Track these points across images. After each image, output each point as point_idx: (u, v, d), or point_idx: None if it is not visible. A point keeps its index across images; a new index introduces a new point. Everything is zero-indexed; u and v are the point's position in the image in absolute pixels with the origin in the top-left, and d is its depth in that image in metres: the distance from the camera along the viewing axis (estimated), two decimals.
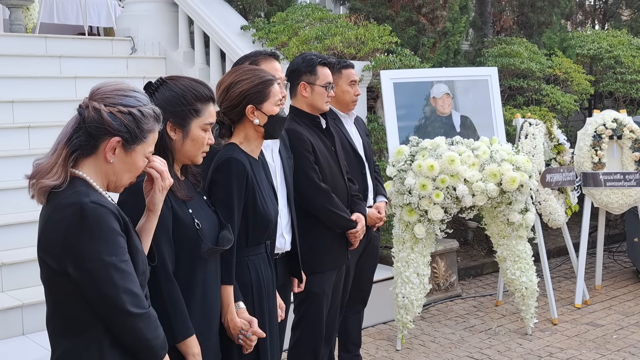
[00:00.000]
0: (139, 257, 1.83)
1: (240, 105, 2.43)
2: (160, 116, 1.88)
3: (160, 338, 1.81)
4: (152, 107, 1.85)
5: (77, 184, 1.77)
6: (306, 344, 3.37)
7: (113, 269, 1.71)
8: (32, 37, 6.61)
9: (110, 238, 1.72)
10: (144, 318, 1.76)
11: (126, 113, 1.78)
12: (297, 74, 3.35)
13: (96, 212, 1.71)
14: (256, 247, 2.48)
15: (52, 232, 1.73)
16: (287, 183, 2.96)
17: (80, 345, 1.76)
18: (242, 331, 2.30)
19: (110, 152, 1.79)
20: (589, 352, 4.32)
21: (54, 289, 1.78)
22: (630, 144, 5.19)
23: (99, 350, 1.76)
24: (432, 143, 4.38)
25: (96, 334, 1.76)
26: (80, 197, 1.72)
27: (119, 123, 1.77)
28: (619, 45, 6.98)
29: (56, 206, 1.73)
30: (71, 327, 1.77)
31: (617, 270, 6.16)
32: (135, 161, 1.84)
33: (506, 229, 4.51)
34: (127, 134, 1.78)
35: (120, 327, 1.76)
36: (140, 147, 1.83)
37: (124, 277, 1.73)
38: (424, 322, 4.93)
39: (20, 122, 5.25)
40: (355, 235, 3.44)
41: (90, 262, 1.70)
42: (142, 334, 1.76)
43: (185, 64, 6.38)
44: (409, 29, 6.16)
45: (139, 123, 1.80)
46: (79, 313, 1.75)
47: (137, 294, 1.76)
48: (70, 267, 1.71)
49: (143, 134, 1.82)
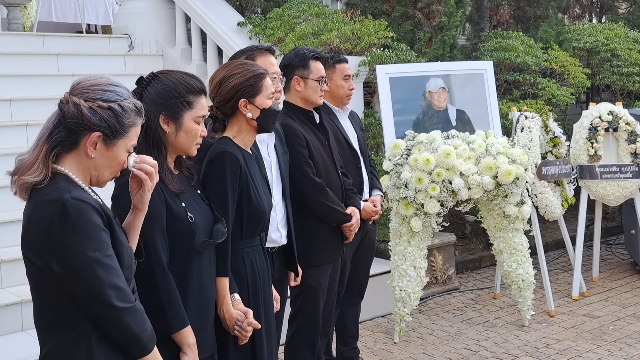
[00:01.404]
0: (124, 251, 1.83)
1: (233, 99, 2.45)
2: (142, 110, 1.87)
3: (147, 331, 1.81)
4: (132, 100, 1.85)
5: (58, 180, 1.76)
6: (303, 337, 3.40)
7: (97, 264, 1.71)
8: (29, 35, 6.63)
9: (93, 234, 1.72)
10: (130, 312, 1.76)
11: (106, 108, 1.78)
12: (290, 68, 3.37)
13: (78, 208, 1.71)
14: (251, 239, 2.50)
15: (34, 229, 1.73)
16: (283, 177, 2.98)
17: (68, 342, 1.76)
18: (238, 322, 2.33)
19: (91, 147, 1.78)
20: (585, 343, 4.35)
21: (39, 285, 1.77)
22: (626, 136, 5.21)
23: (87, 346, 1.76)
24: (428, 137, 4.41)
25: (84, 330, 1.76)
26: (61, 193, 1.72)
27: (98, 118, 1.77)
28: (615, 39, 6.99)
29: (38, 203, 1.73)
30: (58, 324, 1.77)
31: (615, 262, 6.19)
32: (116, 156, 1.83)
33: (502, 222, 4.54)
34: (107, 129, 1.78)
35: (107, 322, 1.75)
36: (121, 141, 1.82)
37: (108, 272, 1.73)
38: (422, 315, 4.95)
39: (18, 120, 5.28)
40: (350, 228, 3.47)
41: (74, 259, 1.70)
42: (129, 328, 1.76)
43: (183, 61, 6.40)
44: (405, 24, 6.18)
45: (120, 118, 1.79)
46: (65, 309, 1.75)
47: (122, 288, 1.75)
48: (55, 264, 1.71)
49: (124, 129, 1.81)
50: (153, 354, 1.84)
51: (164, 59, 6.59)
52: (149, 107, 2.14)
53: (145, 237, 2.02)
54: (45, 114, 1.96)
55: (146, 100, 2.15)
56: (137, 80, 2.18)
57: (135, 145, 1.89)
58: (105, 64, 6.27)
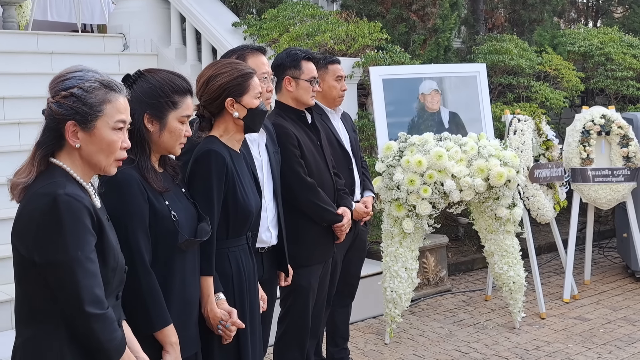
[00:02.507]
0: (110, 252, 1.82)
1: (220, 98, 2.45)
2: (113, 83, 1.84)
3: (115, 341, 1.78)
4: (98, 79, 1.82)
5: (56, 173, 1.79)
6: (292, 337, 3.40)
7: (77, 264, 1.71)
8: (23, 34, 6.63)
9: (78, 232, 1.72)
10: (100, 319, 1.74)
11: (68, 96, 1.78)
12: (282, 68, 3.37)
13: (69, 205, 1.72)
14: (237, 238, 2.50)
15: (24, 219, 1.75)
16: (274, 177, 2.98)
17: (42, 335, 1.76)
18: (222, 322, 2.33)
19: (73, 137, 1.79)
20: (575, 345, 4.36)
21: (22, 275, 1.79)
22: (619, 140, 5.22)
23: (59, 341, 1.75)
24: (420, 139, 4.41)
25: (58, 326, 1.76)
26: (56, 188, 1.74)
27: (65, 108, 1.78)
28: (610, 43, 7.01)
29: (33, 194, 1.76)
30: (35, 316, 1.77)
31: (607, 265, 6.20)
32: (102, 137, 1.81)
33: (494, 224, 4.54)
34: (76, 115, 1.78)
35: (75, 325, 1.75)
36: (100, 121, 1.80)
37: (86, 274, 1.72)
38: (413, 316, 4.96)
39: (10, 119, 5.27)
40: (341, 229, 3.47)
41: (55, 255, 1.71)
42: (95, 336, 1.74)
43: (177, 61, 6.40)
44: (399, 26, 6.19)
45: (84, 100, 1.79)
46: (42, 303, 1.76)
47: (96, 294, 1.73)
48: (37, 257, 1.72)
49: (94, 108, 1.79)
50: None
51: (159, 58, 6.59)
52: (134, 105, 2.13)
53: (127, 236, 2.02)
54: (38, 113, 1.98)
55: (131, 98, 2.15)
56: (123, 77, 2.18)
57: (131, 121, 1.87)
58: (99, 64, 6.24)
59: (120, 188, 2.05)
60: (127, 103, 1.87)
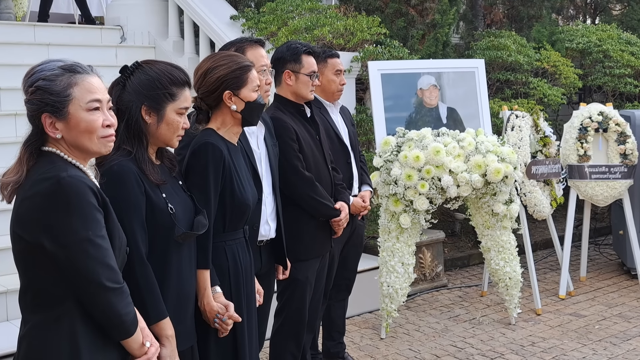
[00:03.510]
0: (116, 233, 1.85)
1: (218, 90, 2.44)
2: (76, 66, 1.83)
3: (131, 314, 1.83)
4: (59, 65, 1.81)
5: (54, 158, 1.79)
6: (289, 331, 3.40)
7: (89, 243, 1.73)
8: (20, 25, 6.60)
9: (86, 212, 1.73)
10: (117, 293, 1.78)
11: (35, 90, 1.79)
12: (282, 62, 3.35)
13: (73, 186, 1.73)
14: (234, 232, 2.49)
15: (28, 205, 1.74)
16: (272, 170, 2.97)
17: (51, 319, 1.77)
18: (218, 315, 2.32)
19: (51, 129, 1.80)
20: (570, 341, 4.37)
21: (26, 263, 1.79)
22: (616, 137, 5.23)
23: (70, 324, 1.77)
24: (418, 134, 4.40)
25: (68, 309, 1.77)
26: (58, 171, 1.74)
27: (34, 103, 1.79)
28: (608, 40, 7.00)
29: (34, 180, 1.75)
30: (43, 302, 1.78)
31: (603, 262, 6.21)
32: (78, 121, 1.80)
33: (490, 220, 4.54)
34: (46, 106, 1.78)
35: (93, 301, 1.77)
36: (71, 106, 1.80)
37: (99, 251, 1.74)
38: (409, 311, 4.96)
39: (7, 110, 5.25)
40: (339, 223, 3.46)
41: (66, 237, 1.72)
42: (114, 309, 1.78)
43: (175, 54, 6.38)
44: (398, 21, 6.17)
45: (49, 89, 1.78)
46: (51, 287, 1.76)
47: (113, 268, 1.77)
48: (46, 241, 1.72)
49: (61, 95, 1.79)
50: (134, 338, 1.85)
51: (156, 51, 6.56)
52: (131, 97, 2.13)
53: (124, 228, 2.01)
54: None
55: (129, 89, 2.14)
56: (120, 69, 2.17)
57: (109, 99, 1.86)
58: (96, 55, 6.23)
59: (117, 179, 2.04)
60: (100, 82, 1.85)
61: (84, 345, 1.77)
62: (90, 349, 1.78)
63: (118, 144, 2.09)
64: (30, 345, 1.78)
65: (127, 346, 1.86)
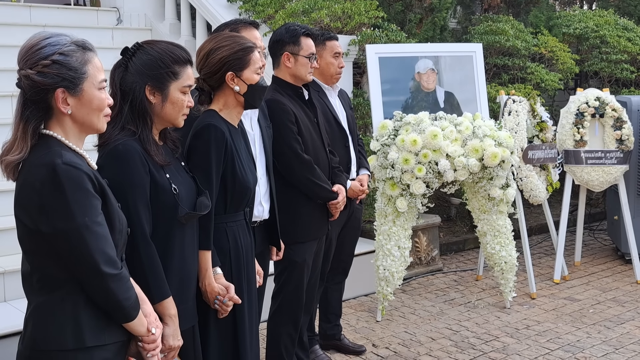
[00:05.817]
0: (115, 216, 1.84)
1: (220, 71, 2.44)
2: (86, 43, 1.82)
3: (131, 299, 1.83)
4: (72, 40, 1.80)
5: (51, 143, 1.78)
6: (286, 313, 3.42)
7: (86, 229, 1.73)
8: (16, 5, 6.54)
9: (82, 199, 1.73)
10: (116, 279, 1.78)
11: (50, 64, 1.76)
12: (281, 44, 3.35)
13: (69, 173, 1.72)
14: (234, 214, 2.50)
15: (26, 191, 1.75)
16: (266, 152, 2.97)
17: (55, 300, 1.78)
18: (219, 296, 2.34)
19: (63, 104, 1.78)
20: (564, 325, 4.41)
21: (29, 247, 1.79)
22: (612, 123, 5.25)
23: (73, 304, 1.78)
24: (415, 118, 4.41)
25: (72, 290, 1.78)
26: (53, 157, 1.73)
27: (50, 77, 1.75)
28: (605, 25, 7.00)
29: (31, 166, 1.75)
30: (47, 284, 1.79)
31: (597, 247, 6.26)
32: (91, 98, 1.81)
33: (487, 204, 4.57)
34: (64, 81, 1.76)
35: (92, 287, 1.78)
36: (86, 83, 1.80)
37: (96, 237, 1.74)
38: (405, 294, 4.99)
39: (3, 91, 5.21)
40: (336, 206, 3.47)
41: (62, 223, 1.72)
42: (113, 295, 1.78)
43: (172, 36, 6.35)
44: (395, 4, 6.15)
45: (68, 64, 1.77)
46: (54, 271, 1.77)
47: (109, 254, 1.77)
48: (44, 227, 1.73)
49: (79, 72, 1.78)
50: (136, 321, 1.86)
51: (153, 33, 6.53)
52: (134, 77, 2.12)
53: (128, 208, 2.02)
54: None
55: (131, 71, 2.13)
56: (122, 50, 2.16)
57: (104, 80, 1.85)
58: (92, 37, 6.14)
59: (121, 159, 2.04)
60: (101, 63, 1.86)
61: (87, 325, 1.78)
62: (93, 329, 1.79)
63: (122, 125, 2.09)
64: (36, 326, 1.79)
65: (130, 329, 1.87)
